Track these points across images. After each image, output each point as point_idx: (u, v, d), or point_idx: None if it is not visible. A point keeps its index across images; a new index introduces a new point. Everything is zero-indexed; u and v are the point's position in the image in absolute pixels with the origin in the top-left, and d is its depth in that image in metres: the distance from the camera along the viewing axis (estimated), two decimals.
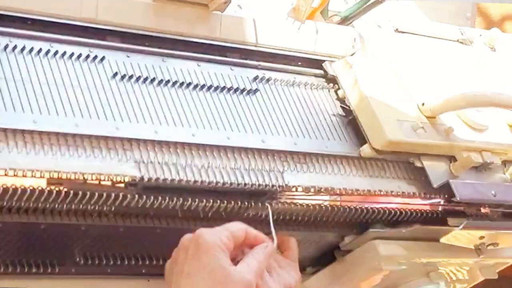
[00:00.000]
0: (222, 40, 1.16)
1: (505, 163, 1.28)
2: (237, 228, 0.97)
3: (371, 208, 1.18)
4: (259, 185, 1.07)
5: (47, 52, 1.02)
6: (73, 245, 1.02)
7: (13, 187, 0.93)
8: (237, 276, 0.92)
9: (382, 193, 1.17)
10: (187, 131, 1.05)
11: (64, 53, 1.03)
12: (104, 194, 0.98)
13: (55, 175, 0.94)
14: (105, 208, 0.99)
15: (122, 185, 1.01)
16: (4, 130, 0.93)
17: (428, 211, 1.23)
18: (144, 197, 1.00)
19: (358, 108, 1.18)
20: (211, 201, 1.04)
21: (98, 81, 1.03)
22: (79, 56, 1.04)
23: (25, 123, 0.94)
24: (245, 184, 1.05)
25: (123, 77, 1.05)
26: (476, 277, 1.33)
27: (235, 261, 0.96)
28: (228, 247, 0.94)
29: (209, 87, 1.11)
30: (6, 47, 1.00)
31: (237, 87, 1.13)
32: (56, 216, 0.98)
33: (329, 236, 1.19)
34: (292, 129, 1.14)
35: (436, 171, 1.20)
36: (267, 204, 1.07)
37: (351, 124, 1.19)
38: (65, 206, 0.97)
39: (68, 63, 1.03)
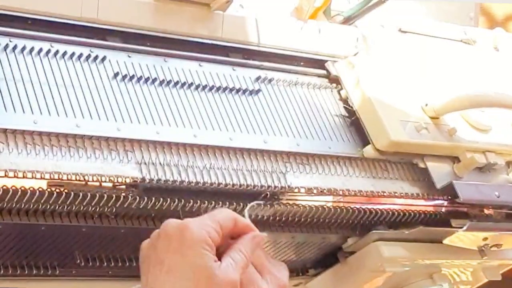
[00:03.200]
0: (224, 40, 1.15)
1: (509, 164, 1.28)
2: (226, 217, 0.89)
3: (374, 209, 1.17)
4: (262, 186, 1.06)
5: (48, 52, 1.01)
6: (73, 247, 1.02)
7: (13, 188, 0.93)
8: (222, 277, 0.85)
9: (385, 194, 1.16)
10: (188, 132, 1.04)
11: (65, 53, 1.02)
12: (105, 196, 0.97)
13: (56, 176, 0.93)
14: (106, 210, 0.99)
15: (123, 186, 1.01)
16: (4, 130, 0.92)
17: (431, 212, 1.23)
18: (146, 198, 1.00)
19: (361, 108, 1.18)
20: (213, 202, 1.04)
21: (99, 81, 1.03)
22: (80, 56, 1.03)
23: (26, 124, 0.94)
24: (247, 185, 1.05)
25: (124, 77, 1.05)
26: (479, 278, 1.32)
27: (219, 251, 0.89)
28: (216, 241, 0.87)
29: (211, 88, 1.10)
30: (6, 47, 0.99)
31: (239, 88, 1.13)
32: (57, 218, 0.97)
33: (332, 237, 1.18)
34: (294, 129, 1.13)
35: (440, 172, 1.20)
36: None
37: (354, 124, 1.19)
38: (65, 207, 0.96)
39: (68, 63, 1.02)
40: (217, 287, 0.84)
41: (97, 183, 0.99)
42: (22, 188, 0.93)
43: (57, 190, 0.95)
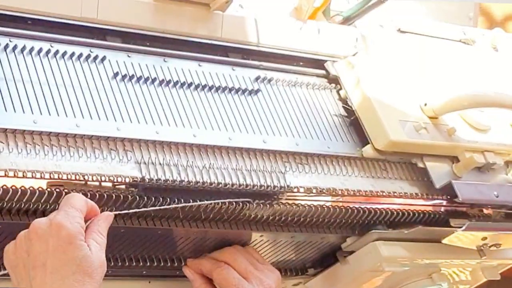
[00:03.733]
0: (223, 40, 1.15)
1: (508, 163, 1.28)
2: (82, 203, 0.93)
3: (373, 209, 1.17)
4: (261, 186, 1.06)
5: (47, 52, 1.01)
6: None
7: (13, 188, 0.93)
8: (97, 261, 0.90)
9: (384, 194, 1.16)
10: (188, 132, 1.04)
11: (65, 53, 1.03)
12: (105, 195, 0.97)
13: (56, 176, 0.93)
14: (105, 209, 0.99)
15: (123, 186, 1.01)
16: (4, 130, 0.92)
17: (430, 212, 1.23)
18: (145, 198, 1.00)
19: (360, 108, 1.18)
20: (213, 202, 1.04)
21: (99, 81, 1.03)
22: (80, 56, 1.03)
23: (25, 124, 0.94)
24: (246, 185, 1.05)
25: (124, 77, 1.05)
26: (478, 278, 1.33)
27: None
28: (84, 228, 0.92)
29: (211, 87, 1.11)
30: (6, 47, 0.99)
31: (239, 87, 1.13)
32: None
33: (331, 237, 1.18)
34: (294, 129, 1.13)
35: (439, 171, 1.20)
36: None
37: (353, 124, 1.19)
38: None
39: (68, 63, 1.02)
40: (96, 271, 0.90)
41: (97, 183, 0.99)
42: (22, 188, 0.93)
43: (57, 190, 0.95)
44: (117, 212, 0.97)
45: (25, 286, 0.91)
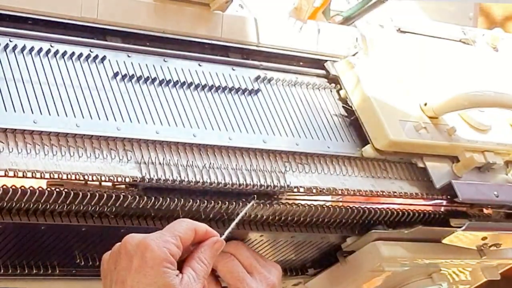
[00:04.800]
0: (223, 40, 1.15)
1: (507, 163, 1.28)
2: (187, 229, 0.92)
3: (373, 209, 1.17)
4: (261, 185, 1.06)
5: (47, 52, 1.02)
6: (73, 247, 1.02)
7: (13, 187, 0.93)
8: None
9: (384, 193, 1.16)
10: (188, 132, 1.04)
11: (65, 53, 1.03)
12: (105, 195, 0.97)
13: (56, 176, 0.93)
14: (105, 209, 0.99)
15: (123, 186, 1.01)
16: (4, 130, 0.92)
17: (430, 211, 1.23)
18: (145, 198, 1.00)
19: (360, 108, 1.18)
20: (212, 202, 1.04)
21: (99, 81, 1.03)
22: (80, 56, 1.03)
23: (25, 123, 0.94)
24: (246, 185, 1.05)
25: (124, 77, 1.05)
26: (478, 278, 1.33)
27: (181, 258, 0.91)
28: (176, 255, 0.89)
29: (211, 87, 1.11)
30: (6, 47, 0.99)
31: (239, 87, 1.13)
32: (57, 217, 0.97)
33: (331, 237, 1.18)
34: (294, 129, 1.13)
35: (439, 171, 1.20)
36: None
37: (353, 124, 1.19)
38: (65, 207, 0.96)
39: (68, 63, 1.02)
40: None
41: (97, 183, 0.99)
42: (22, 188, 0.93)
43: (57, 190, 0.95)
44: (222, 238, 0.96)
45: None
